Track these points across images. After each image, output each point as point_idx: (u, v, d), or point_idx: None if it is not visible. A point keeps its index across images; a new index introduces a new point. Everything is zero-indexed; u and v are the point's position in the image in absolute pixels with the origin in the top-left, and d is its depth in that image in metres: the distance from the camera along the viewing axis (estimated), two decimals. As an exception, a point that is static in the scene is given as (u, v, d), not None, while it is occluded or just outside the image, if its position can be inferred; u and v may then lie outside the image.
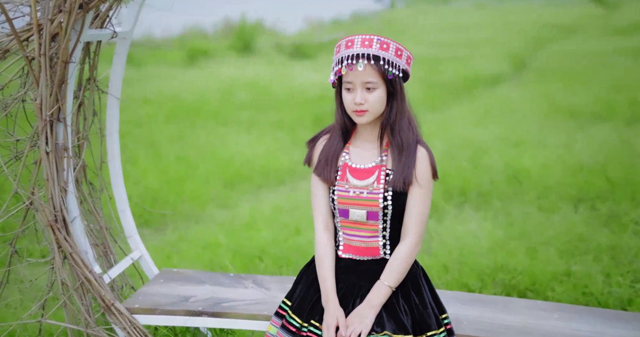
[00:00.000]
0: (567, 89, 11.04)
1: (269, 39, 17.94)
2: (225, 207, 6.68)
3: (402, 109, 2.76)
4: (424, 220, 2.79)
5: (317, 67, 13.60)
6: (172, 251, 5.41)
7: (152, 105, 9.89)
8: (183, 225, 6.17)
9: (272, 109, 10.19)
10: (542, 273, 4.51)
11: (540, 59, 15.24)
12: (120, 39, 3.42)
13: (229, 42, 16.72)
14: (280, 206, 6.48)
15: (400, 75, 2.70)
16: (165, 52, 15.73)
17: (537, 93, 11.05)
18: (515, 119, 9.24)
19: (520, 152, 7.38)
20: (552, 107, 9.83)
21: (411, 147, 2.77)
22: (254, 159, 7.88)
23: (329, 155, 2.87)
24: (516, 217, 5.68)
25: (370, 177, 2.78)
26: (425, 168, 2.78)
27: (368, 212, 2.76)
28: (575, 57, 14.50)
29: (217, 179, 7.29)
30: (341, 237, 2.88)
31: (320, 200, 2.90)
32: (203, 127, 9.13)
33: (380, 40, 2.66)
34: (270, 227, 5.86)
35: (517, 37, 18.52)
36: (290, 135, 8.96)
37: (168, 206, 6.55)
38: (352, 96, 2.69)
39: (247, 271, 5.03)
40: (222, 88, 11.15)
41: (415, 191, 2.75)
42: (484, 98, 11.11)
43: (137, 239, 3.60)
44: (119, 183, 3.57)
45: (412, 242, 2.77)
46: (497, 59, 14.54)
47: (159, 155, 7.83)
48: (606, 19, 23.35)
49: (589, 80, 11.66)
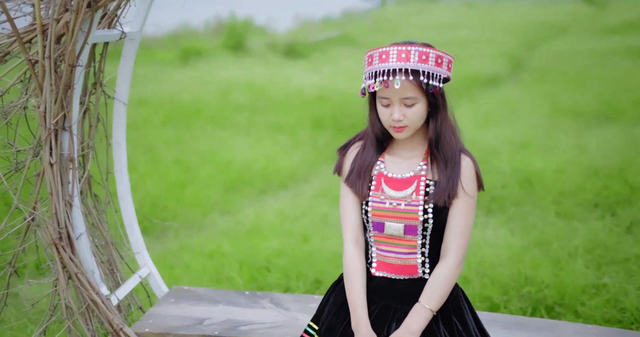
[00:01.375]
0: (568, 89, 10.83)
1: (261, 38, 17.67)
2: (227, 213, 6.44)
3: (445, 119, 2.53)
4: (467, 236, 2.55)
5: (313, 67, 13.35)
6: (175, 262, 5.15)
7: (147, 108, 9.62)
8: (185, 233, 5.92)
9: (270, 110, 9.93)
10: (569, 286, 4.27)
11: (537, 58, 15.04)
12: (128, 39, 3.16)
13: (221, 41, 16.45)
14: (284, 212, 6.24)
15: (441, 86, 2.47)
16: (157, 51, 15.44)
17: (539, 93, 10.83)
18: (519, 120, 9.02)
19: (529, 154, 7.15)
20: (555, 107, 9.60)
21: (455, 157, 2.54)
22: (254, 163, 7.64)
23: (363, 166, 2.63)
24: (533, 223, 5.45)
25: (408, 187, 2.54)
26: (471, 179, 2.55)
27: (406, 226, 2.52)
28: (571, 57, 14.31)
29: (218, 183, 7.05)
30: (374, 254, 2.62)
31: (350, 212, 2.66)
32: (201, 130, 8.87)
33: (418, 51, 2.41)
34: (275, 235, 5.62)
35: (510, 36, 18.32)
36: (290, 138, 8.71)
37: (168, 211, 6.30)
38: (389, 112, 2.46)
39: (256, 283, 4.79)
40: (218, 89, 10.88)
41: (458, 204, 2.52)
42: (484, 99, 10.88)
43: (146, 255, 3.35)
44: (126, 195, 3.31)
45: (455, 261, 2.52)
46: (493, 59, 14.32)
47: (157, 160, 7.57)
48: (596, 18, 23.24)
49: (588, 80, 11.45)
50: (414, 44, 2.44)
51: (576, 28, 20.94)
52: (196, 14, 20.77)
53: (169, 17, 20.27)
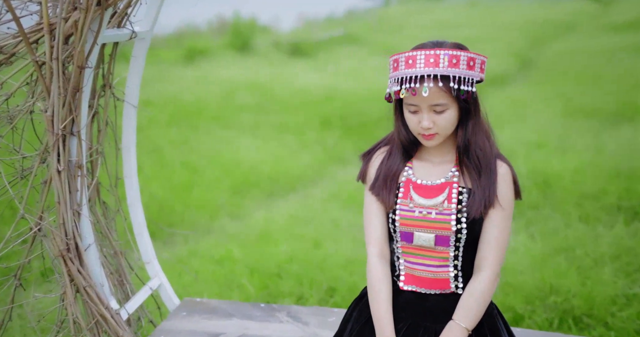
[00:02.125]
0: (580, 88, 10.63)
1: (265, 37, 17.50)
2: (236, 217, 6.28)
3: (478, 124, 2.35)
4: (503, 249, 2.37)
5: (318, 67, 13.16)
6: (183, 269, 5.00)
7: (152, 108, 9.44)
8: (193, 237, 5.75)
9: (276, 110, 9.76)
10: (598, 296, 4.08)
11: (545, 57, 14.83)
12: (138, 39, 3.00)
13: (226, 40, 16.28)
14: (294, 215, 6.07)
15: (474, 90, 2.28)
16: (160, 51, 15.26)
17: (550, 92, 10.63)
18: (532, 120, 8.83)
19: (545, 155, 6.97)
20: (568, 106, 9.41)
21: (491, 164, 2.36)
22: (261, 164, 7.47)
23: (389, 173, 2.45)
24: (554, 228, 5.27)
25: (439, 195, 2.37)
26: (508, 187, 2.37)
27: (437, 236, 2.35)
28: (580, 55, 14.10)
29: (225, 185, 6.88)
30: (402, 266, 2.45)
31: (375, 222, 2.48)
32: (206, 130, 8.70)
33: (448, 54, 2.21)
34: (286, 240, 5.46)
35: (515, 34, 18.12)
36: (297, 139, 8.54)
37: (175, 215, 6.14)
38: (418, 119, 2.29)
39: (267, 290, 4.62)
40: (222, 89, 10.70)
41: (494, 214, 2.34)
42: (494, 99, 10.69)
43: (156, 265, 3.18)
44: (135, 202, 3.14)
45: (491, 275, 2.34)
46: (500, 58, 14.13)
47: (162, 162, 7.40)
48: (601, 16, 23.02)
49: (600, 78, 11.25)
50: (443, 46, 2.26)
51: (581, 26, 20.74)
52: (200, 13, 20.63)
53: (172, 17, 20.13)
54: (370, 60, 13.62)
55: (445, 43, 2.28)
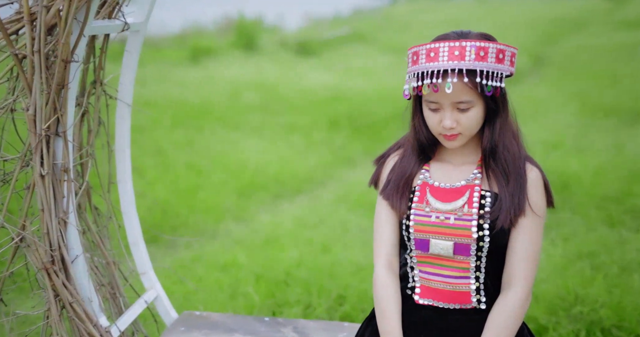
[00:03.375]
0: (596, 85, 10.33)
1: (271, 37, 17.27)
2: (241, 220, 6.04)
3: (505, 123, 2.13)
4: (536, 262, 2.13)
5: (325, 66, 12.90)
6: (186, 275, 4.77)
7: (156, 109, 9.20)
8: (197, 242, 5.51)
9: (283, 110, 9.51)
10: (628, 306, 3.81)
11: (559, 54, 14.53)
12: (132, 32, 2.76)
13: (231, 39, 16.05)
14: (301, 218, 5.83)
15: (503, 86, 2.05)
16: (165, 50, 15.04)
17: (565, 90, 10.34)
18: (548, 118, 8.55)
19: (563, 155, 6.69)
20: (585, 104, 9.12)
21: (520, 168, 2.12)
22: (267, 166, 7.23)
23: (402, 177, 2.22)
24: (574, 232, 5.02)
25: (458, 198, 2.14)
26: (540, 194, 2.14)
27: (456, 244, 2.11)
28: (593, 53, 13.79)
29: (230, 188, 6.64)
30: (417, 277, 2.21)
31: (384, 230, 2.26)
32: (211, 131, 8.46)
33: (475, 46, 1.98)
34: (293, 245, 5.22)
35: (526, 32, 17.80)
36: (304, 139, 8.29)
37: (179, 219, 5.90)
38: (439, 117, 2.07)
39: (274, 299, 4.38)
40: (228, 89, 10.45)
41: (525, 223, 2.10)
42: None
43: (153, 276, 2.93)
44: (130, 208, 2.90)
45: (522, 293, 2.10)
46: (511, 55, 13.84)
47: (166, 164, 7.16)
48: (613, 13, 22.66)
49: (615, 76, 10.94)
50: (469, 36, 2.02)
51: (593, 23, 20.38)
52: (205, 13, 20.46)
53: (177, 17, 19.96)
54: (378, 59, 13.36)
55: (470, 33, 2.05)
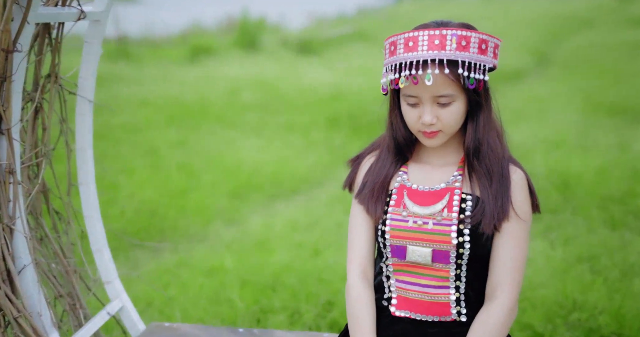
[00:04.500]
0: (600, 83, 10.11)
1: (273, 36, 17.10)
2: (233, 223, 5.84)
3: (489, 121, 1.98)
4: (522, 271, 1.96)
5: (326, 64, 12.70)
6: (170, 280, 4.58)
7: (151, 108, 9.03)
8: (185, 245, 5.32)
9: (282, 110, 9.30)
10: (629, 312, 3.61)
11: (563, 52, 14.30)
12: (92, 22, 2.56)
13: (232, 39, 15.88)
14: (295, 220, 5.62)
15: (486, 79, 1.88)
16: (166, 50, 14.88)
17: (569, 88, 10.11)
18: (551, 117, 8.33)
19: (565, 154, 6.48)
20: (588, 103, 8.90)
21: (503, 169, 1.96)
22: (264, 166, 7.03)
23: (377, 179, 2.05)
24: (575, 234, 4.81)
25: (437, 202, 1.97)
26: (525, 197, 1.98)
27: (434, 250, 1.94)
28: (599, 50, 13.56)
29: (224, 189, 6.44)
30: (393, 287, 2.04)
31: (358, 236, 2.09)
32: (207, 131, 8.26)
33: (456, 35, 1.82)
34: (284, 248, 5.02)
35: (532, 29, 17.58)
36: (303, 139, 8.08)
37: (168, 221, 5.71)
38: (418, 113, 1.90)
39: (259, 305, 4.18)
40: (226, 88, 10.25)
41: (510, 229, 1.94)
42: (510, 95, 10.20)
43: (118, 286, 2.73)
44: (94, 213, 2.70)
45: (508, 303, 1.92)
46: (516, 53, 13.61)
47: (158, 164, 6.97)
48: (620, 11, 22.40)
49: (621, 75, 10.71)
50: (450, 25, 1.85)
51: (600, 21, 20.12)
52: (207, 12, 20.37)
53: (179, 17, 19.85)
54: (381, 58, 13.14)
55: (451, 23, 1.88)
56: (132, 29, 16.16)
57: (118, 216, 5.64)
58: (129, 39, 15.35)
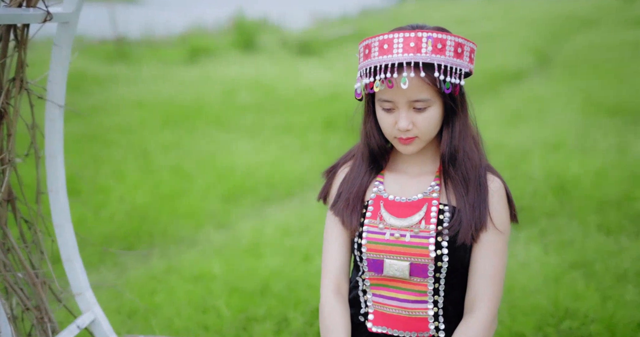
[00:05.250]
0: (602, 84, 9.98)
1: (274, 36, 17.02)
2: (224, 227, 5.74)
3: (465, 127, 1.90)
4: (501, 283, 1.90)
5: (325, 65, 12.60)
6: (157, 286, 4.49)
7: (146, 109, 8.95)
8: (174, 250, 5.23)
9: (279, 111, 9.21)
10: (621, 321, 3.52)
11: (565, 52, 14.17)
12: (61, 24, 2.47)
13: (232, 39, 15.80)
14: (286, 225, 5.53)
15: (462, 84, 1.83)
16: (165, 51, 14.80)
17: (569, 89, 9.99)
18: (550, 118, 8.21)
19: (563, 157, 6.37)
20: (589, 104, 8.77)
21: (481, 177, 1.88)
22: (258, 168, 6.94)
23: (352, 190, 1.99)
24: (570, 239, 4.71)
25: (415, 213, 1.90)
26: (503, 206, 1.91)
27: (412, 264, 1.88)
28: (602, 50, 13.43)
29: (217, 193, 6.35)
30: (370, 302, 1.98)
31: (333, 249, 2.03)
32: (202, 132, 8.17)
33: (432, 38, 1.76)
34: (274, 254, 4.93)
35: (534, 29, 17.48)
36: (299, 140, 7.99)
37: (158, 225, 5.62)
38: (394, 118, 1.84)
39: (245, 313, 4.09)
40: (223, 89, 10.17)
41: (488, 240, 1.88)
42: (510, 95, 10.09)
43: (90, 298, 2.63)
44: (64, 222, 2.60)
45: (487, 317, 1.86)
46: (517, 53, 13.52)
47: (150, 167, 6.88)
48: (625, 10, 22.27)
49: (625, 75, 10.59)
50: (425, 28, 1.79)
51: (604, 21, 19.99)
52: (210, 13, 20.34)
53: (182, 17, 19.80)
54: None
55: (425, 26, 1.83)
56: (132, 29, 16.11)
57: (107, 220, 5.56)
58: (129, 40, 15.30)
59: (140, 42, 15.82)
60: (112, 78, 10.93)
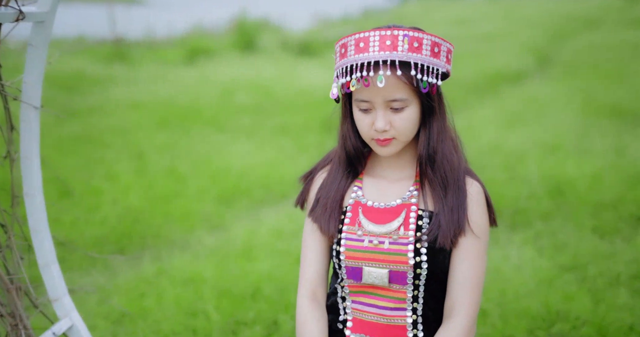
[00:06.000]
0: (603, 85, 9.90)
1: (274, 37, 16.98)
2: (217, 230, 5.69)
3: (443, 129, 1.86)
4: (479, 288, 1.87)
5: (325, 66, 12.55)
6: (146, 290, 4.44)
7: (143, 110, 8.90)
8: (166, 253, 5.18)
9: (276, 112, 9.16)
10: (612, 324, 3.48)
11: (567, 52, 14.09)
12: (36, 23, 2.42)
13: (233, 40, 15.76)
14: (280, 227, 5.47)
15: (439, 84, 1.79)
16: (166, 52, 14.76)
17: (570, 90, 9.91)
18: (549, 119, 8.15)
19: (561, 159, 6.31)
20: (589, 105, 8.70)
21: (459, 180, 1.85)
22: (253, 171, 6.88)
23: (330, 195, 1.96)
24: (565, 242, 4.66)
25: (394, 220, 1.87)
26: (482, 211, 1.87)
27: (391, 272, 1.85)
28: (604, 50, 13.34)
29: (211, 195, 6.29)
30: (349, 309, 1.95)
31: (310, 255, 2.00)
32: (199, 134, 8.12)
33: (408, 36, 1.73)
34: (267, 257, 4.88)
35: (536, 30, 17.41)
36: (295, 142, 7.94)
37: (151, 228, 5.57)
38: (371, 119, 1.82)
39: (235, 317, 4.04)
40: (221, 90, 10.12)
41: (466, 245, 1.85)
42: (510, 97, 10.02)
43: (67, 303, 2.58)
44: (41, 226, 2.54)
45: (465, 323, 1.83)
46: (518, 53, 13.45)
47: (144, 169, 6.83)
48: (628, 11, 22.18)
49: (625, 76, 10.51)
50: (402, 27, 1.76)
51: (607, 21, 19.89)
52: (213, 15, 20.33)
53: (184, 19, 19.78)
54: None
55: (403, 26, 1.80)
56: (134, 30, 16.09)
57: (99, 223, 5.52)
58: (130, 41, 15.27)
59: (141, 43, 15.79)
60: (110, 79, 10.89)
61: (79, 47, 13.68)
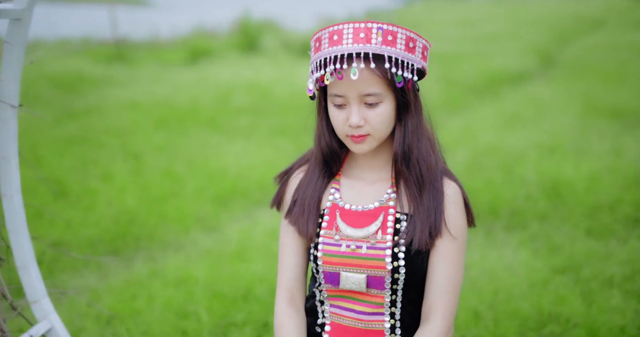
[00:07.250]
0: (604, 86, 9.85)
1: (277, 37, 16.95)
2: (212, 231, 5.65)
3: (419, 126, 1.83)
4: (457, 290, 1.84)
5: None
6: (139, 291, 4.41)
7: (140, 111, 8.87)
8: (160, 254, 5.15)
9: (274, 113, 9.11)
10: (604, 326, 3.44)
11: (569, 53, 14.04)
12: (13, 21, 2.38)
13: (236, 41, 15.74)
14: (275, 228, 5.43)
15: (415, 79, 1.76)
16: (167, 53, 14.75)
17: (571, 91, 9.86)
18: (549, 120, 8.10)
19: (559, 160, 6.26)
20: (590, 106, 8.64)
21: (436, 181, 1.81)
22: (250, 172, 6.84)
23: (306, 196, 1.94)
24: (560, 243, 4.62)
25: (371, 223, 1.85)
26: (459, 212, 1.84)
27: (369, 277, 1.83)
28: (607, 51, 13.29)
29: (208, 196, 6.26)
30: (327, 313, 1.93)
31: (288, 258, 1.99)
32: (196, 135, 8.08)
33: (382, 29, 1.71)
34: (260, 258, 4.85)
35: (540, 31, 17.37)
36: (293, 143, 7.90)
37: (146, 229, 5.53)
38: (345, 114, 1.80)
39: (225, 319, 4.01)
40: (220, 91, 10.08)
41: (443, 247, 1.82)
42: (510, 98, 9.98)
43: (46, 306, 2.54)
44: (19, 228, 2.50)
45: (442, 326, 1.81)
46: (521, 54, 13.41)
47: (140, 170, 6.79)
48: (633, 12, 22.12)
49: (627, 77, 10.45)
50: (377, 22, 1.75)
51: (612, 22, 19.84)
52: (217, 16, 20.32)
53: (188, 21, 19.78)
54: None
55: (379, 21, 1.77)
56: (138, 32, 16.09)
57: (94, 224, 5.49)
58: (132, 42, 15.25)
59: (145, 45, 15.77)
60: (109, 80, 10.88)
61: (82, 48, 13.66)
